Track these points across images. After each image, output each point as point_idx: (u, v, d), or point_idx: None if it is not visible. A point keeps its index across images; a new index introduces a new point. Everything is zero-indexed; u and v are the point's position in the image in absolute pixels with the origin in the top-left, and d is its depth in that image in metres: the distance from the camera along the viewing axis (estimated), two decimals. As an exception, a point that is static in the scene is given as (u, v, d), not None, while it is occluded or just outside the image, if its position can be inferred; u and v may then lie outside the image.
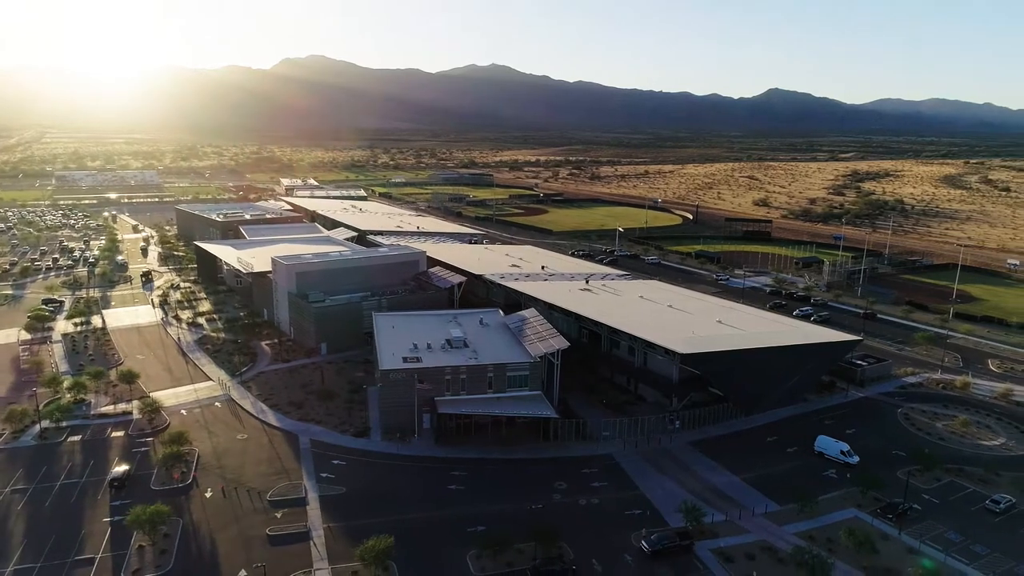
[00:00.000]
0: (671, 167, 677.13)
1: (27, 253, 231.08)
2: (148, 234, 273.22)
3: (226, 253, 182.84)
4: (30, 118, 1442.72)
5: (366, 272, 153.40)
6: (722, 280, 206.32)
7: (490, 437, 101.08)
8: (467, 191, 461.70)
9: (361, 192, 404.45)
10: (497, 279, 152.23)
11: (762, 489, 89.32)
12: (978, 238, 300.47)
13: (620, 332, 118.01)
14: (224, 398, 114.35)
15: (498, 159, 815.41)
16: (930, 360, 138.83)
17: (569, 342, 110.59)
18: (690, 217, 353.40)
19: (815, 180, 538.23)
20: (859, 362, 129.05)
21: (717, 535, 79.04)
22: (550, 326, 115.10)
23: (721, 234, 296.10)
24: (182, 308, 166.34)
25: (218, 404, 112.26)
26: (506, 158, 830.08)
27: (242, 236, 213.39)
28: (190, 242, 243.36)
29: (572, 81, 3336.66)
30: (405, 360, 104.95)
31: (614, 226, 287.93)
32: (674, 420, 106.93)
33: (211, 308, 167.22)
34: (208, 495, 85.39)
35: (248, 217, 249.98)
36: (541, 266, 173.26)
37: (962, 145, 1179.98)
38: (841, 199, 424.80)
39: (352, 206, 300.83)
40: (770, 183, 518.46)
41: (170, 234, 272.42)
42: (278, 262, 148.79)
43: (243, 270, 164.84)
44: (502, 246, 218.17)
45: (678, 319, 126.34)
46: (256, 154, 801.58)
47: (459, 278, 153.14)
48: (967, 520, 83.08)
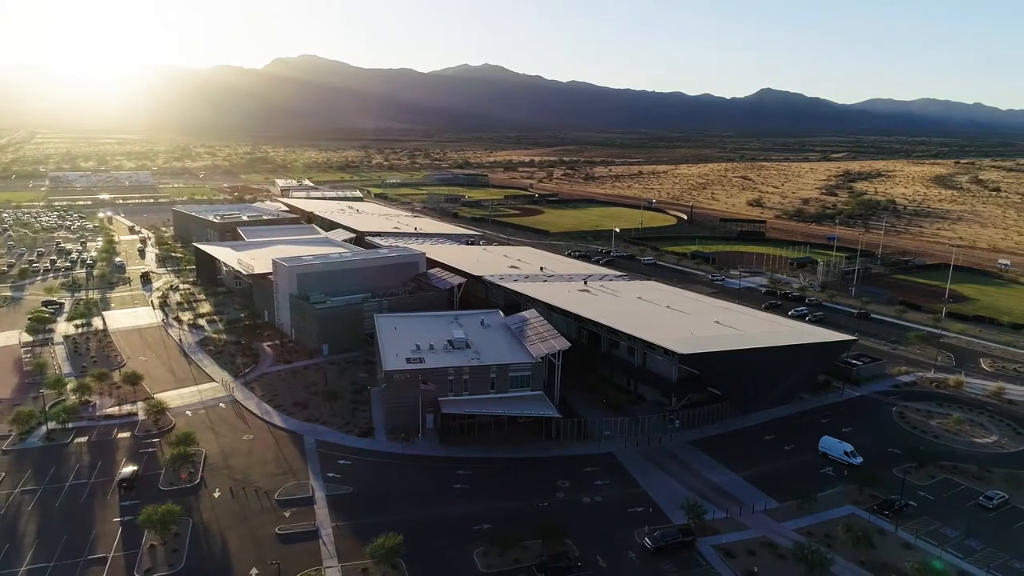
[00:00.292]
0: (665, 167, 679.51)
1: (24, 255, 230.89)
2: (145, 235, 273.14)
3: (226, 255, 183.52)
4: (19, 118, 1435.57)
5: (366, 274, 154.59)
6: (718, 280, 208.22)
7: (493, 437, 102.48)
8: (462, 192, 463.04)
9: (357, 193, 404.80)
10: (496, 280, 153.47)
11: (761, 486, 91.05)
12: (969, 238, 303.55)
13: (620, 333, 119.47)
14: (228, 399, 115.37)
15: (492, 159, 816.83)
16: (923, 359, 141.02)
17: (569, 343, 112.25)
18: (685, 217, 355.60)
19: (808, 180, 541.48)
20: (854, 361, 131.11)
21: (718, 532, 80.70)
22: (551, 327, 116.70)
23: (716, 234, 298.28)
24: (182, 310, 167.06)
25: (222, 405, 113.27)
26: (500, 158, 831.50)
27: (240, 237, 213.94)
28: (187, 243, 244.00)
29: (565, 81, 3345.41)
30: (408, 361, 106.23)
31: (609, 227, 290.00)
32: (674, 419, 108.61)
33: (211, 309, 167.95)
34: (216, 495, 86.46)
35: (245, 218, 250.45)
36: (540, 267, 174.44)
37: (952, 145, 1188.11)
38: (834, 199, 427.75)
39: (349, 207, 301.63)
40: (763, 183, 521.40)
41: (167, 235, 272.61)
42: (279, 264, 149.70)
43: (244, 272, 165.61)
44: (500, 247, 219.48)
45: (676, 319, 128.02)
46: (250, 154, 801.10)
47: (459, 279, 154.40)
48: (961, 516, 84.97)
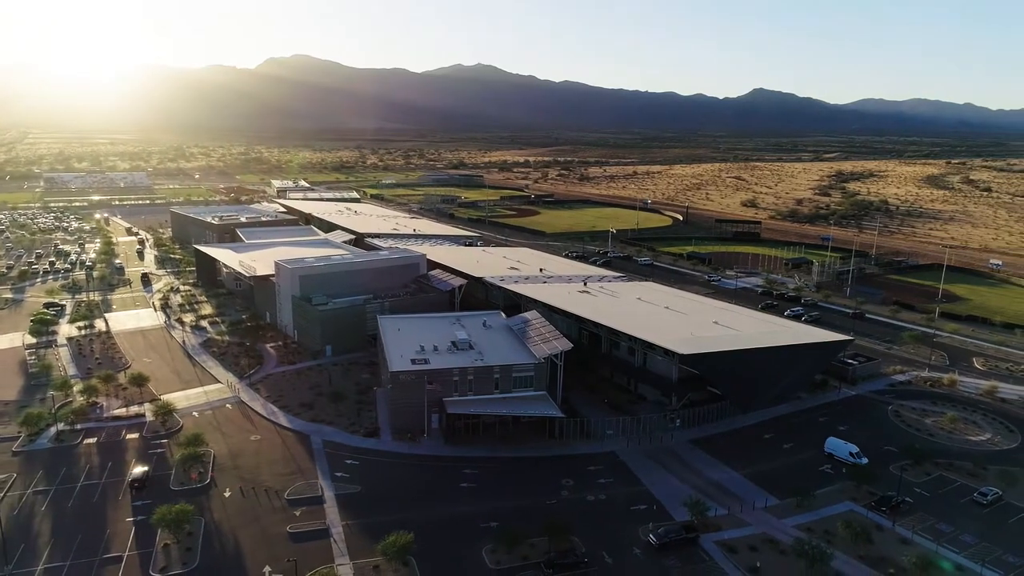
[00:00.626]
0: (659, 168, 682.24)
1: (22, 256, 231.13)
2: (143, 236, 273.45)
3: (226, 256, 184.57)
4: (10, 118, 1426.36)
5: (368, 275, 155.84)
6: (714, 281, 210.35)
7: (497, 436, 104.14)
8: (458, 192, 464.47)
9: (353, 194, 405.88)
10: (497, 282, 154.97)
11: (761, 484, 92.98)
12: (961, 238, 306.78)
13: (620, 333, 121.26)
14: (234, 400, 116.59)
15: (487, 160, 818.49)
16: (918, 359, 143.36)
17: (571, 343, 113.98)
18: (680, 218, 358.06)
19: (801, 181, 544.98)
20: (850, 361, 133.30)
21: (720, 528, 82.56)
22: (553, 328, 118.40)
23: (711, 235, 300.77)
24: (184, 311, 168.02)
25: (229, 406, 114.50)
26: (495, 159, 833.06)
27: (239, 239, 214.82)
28: (186, 245, 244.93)
29: (558, 81, 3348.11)
30: (413, 362, 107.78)
31: (606, 227, 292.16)
32: (674, 418, 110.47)
33: (213, 311, 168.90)
34: (227, 495, 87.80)
35: (244, 220, 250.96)
36: (539, 268, 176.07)
37: (944, 145, 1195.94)
38: (827, 200, 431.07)
39: (347, 208, 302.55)
40: (757, 184, 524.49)
41: (165, 237, 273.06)
42: (282, 266, 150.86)
43: (246, 274, 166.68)
44: (499, 248, 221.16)
45: (675, 320, 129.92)
46: (244, 155, 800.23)
47: (459, 280, 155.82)
48: (956, 512, 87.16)
